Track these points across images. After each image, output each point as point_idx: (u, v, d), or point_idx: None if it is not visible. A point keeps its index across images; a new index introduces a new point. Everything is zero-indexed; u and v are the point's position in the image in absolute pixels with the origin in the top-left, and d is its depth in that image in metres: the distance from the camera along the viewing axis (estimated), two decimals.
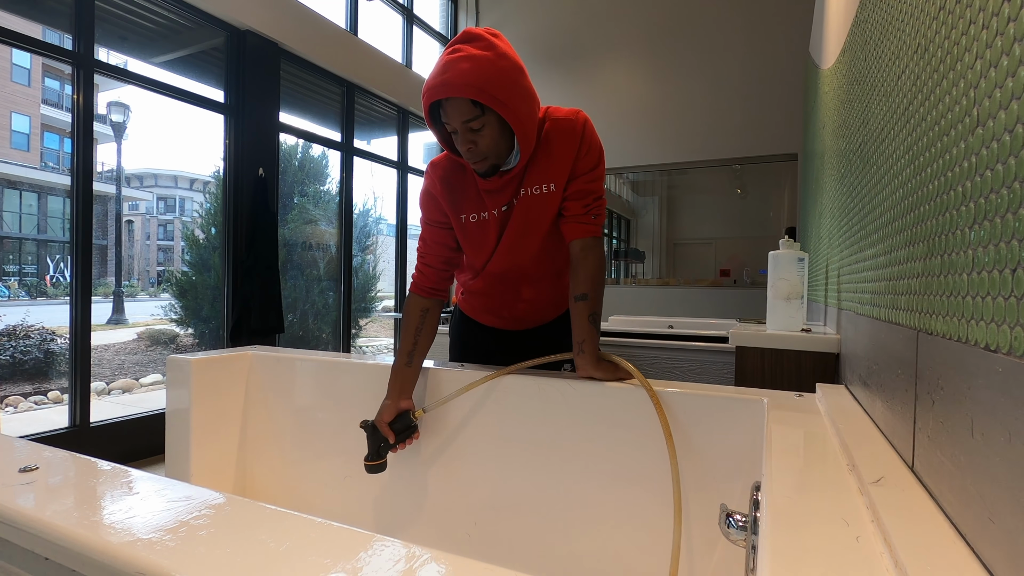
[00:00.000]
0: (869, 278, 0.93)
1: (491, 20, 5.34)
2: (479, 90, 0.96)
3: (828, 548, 0.43)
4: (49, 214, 10.01)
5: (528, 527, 1.16)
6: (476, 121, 1.00)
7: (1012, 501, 0.33)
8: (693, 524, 1.01)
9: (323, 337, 4.79)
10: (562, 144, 1.11)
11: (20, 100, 11.21)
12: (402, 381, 1.17)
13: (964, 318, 0.45)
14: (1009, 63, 0.38)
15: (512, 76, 0.99)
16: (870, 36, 1.01)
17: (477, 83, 0.96)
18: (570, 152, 1.12)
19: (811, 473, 0.62)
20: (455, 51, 0.99)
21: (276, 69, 3.54)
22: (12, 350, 4.24)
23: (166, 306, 4.75)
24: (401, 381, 1.17)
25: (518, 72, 1.01)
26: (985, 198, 0.41)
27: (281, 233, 3.74)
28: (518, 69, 1.01)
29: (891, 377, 0.69)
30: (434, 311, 1.24)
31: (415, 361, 1.19)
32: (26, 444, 0.76)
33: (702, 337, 2.33)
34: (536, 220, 1.18)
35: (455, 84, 0.96)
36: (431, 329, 1.22)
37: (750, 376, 1.51)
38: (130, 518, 0.53)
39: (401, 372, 1.18)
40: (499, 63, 0.98)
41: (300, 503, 1.45)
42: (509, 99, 0.98)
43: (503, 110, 0.99)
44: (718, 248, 4.85)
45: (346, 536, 0.49)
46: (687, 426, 1.02)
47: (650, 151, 4.63)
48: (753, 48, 4.28)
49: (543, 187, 1.14)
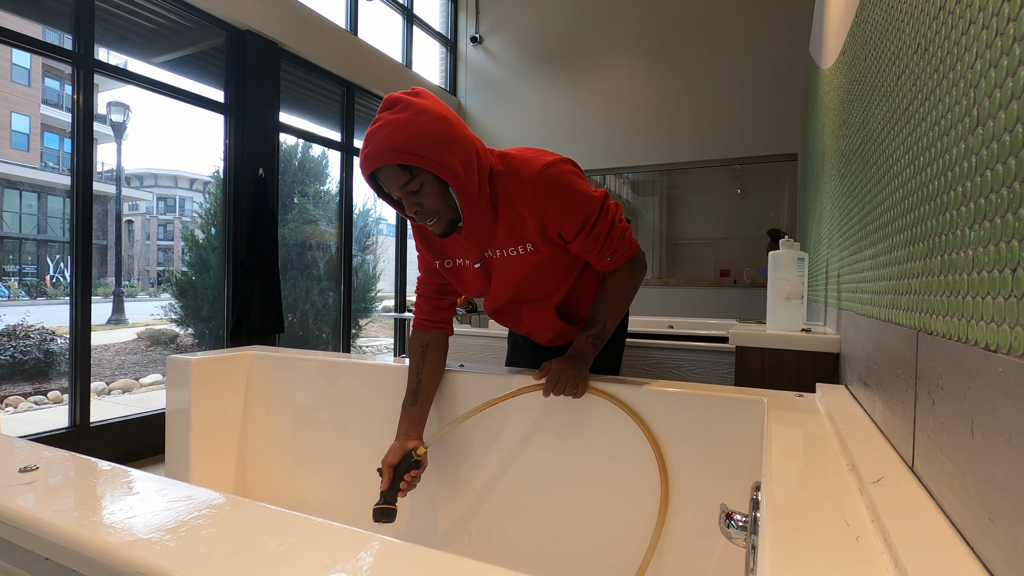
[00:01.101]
0: (869, 278, 0.93)
1: (491, 20, 5.34)
2: (401, 153, 0.94)
3: (828, 548, 0.43)
4: (49, 214, 10.01)
5: (528, 528, 1.16)
6: (412, 183, 0.98)
7: (1012, 501, 0.33)
8: (693, 524, 1.01)
9: (323, 337, 4.79)
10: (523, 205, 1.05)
11: (20, 100, 11.21)
12: (409, 421, 1.15)
13: (964, 318, 0.45)
14: (1009, 63, 0.38)
15: (432, 129, 0.96)
16: (870, 36, 1.01)
17: (396, 146, 0.94)
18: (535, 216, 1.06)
19: (811, 473, 0.62)
20: (376, 121, 0.97)
21: (276, 69, 3.54)
22: (12, 350, 4.24)
23: (166, 306, 4.75)
24: (408, 421, 1.15)
25: (439, 123, 0.97)
26: (985, 198, 0.41)
27: (281, 233, 3.74)
28: (440, 120, 0.97)
29: (891, 377, 0.69)
30: (435, 345, 1.22)
31: (420, 400, 1.17)
32: (26, 444, 0.76)
33: (702, 337, 2.33)
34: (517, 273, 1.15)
35: (377, 154, 0.95)
36: (434, 364, 1.21)
37: (750, 376, 1.51)
38: (130, 518, 0.53)
39: (407, 411, 1.17)
40: (416, 120, 0.95)
41: (300, 503, 1.45)
42: (433, 152, 0.96)
43: (430, 165, 0.96)
44: (718, 248, 4.85)
45: (346, 536, 0.49)
46: (687, 426, 1.02)
47: (650, 151, 4.63)
48: (753, 48, 4.28)
49: (517, 248, 1.10)
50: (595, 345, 1.15)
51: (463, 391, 1.25)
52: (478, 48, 5.39)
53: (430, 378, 1.20)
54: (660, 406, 1.05)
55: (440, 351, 1.23)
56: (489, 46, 5.35)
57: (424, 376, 1.19)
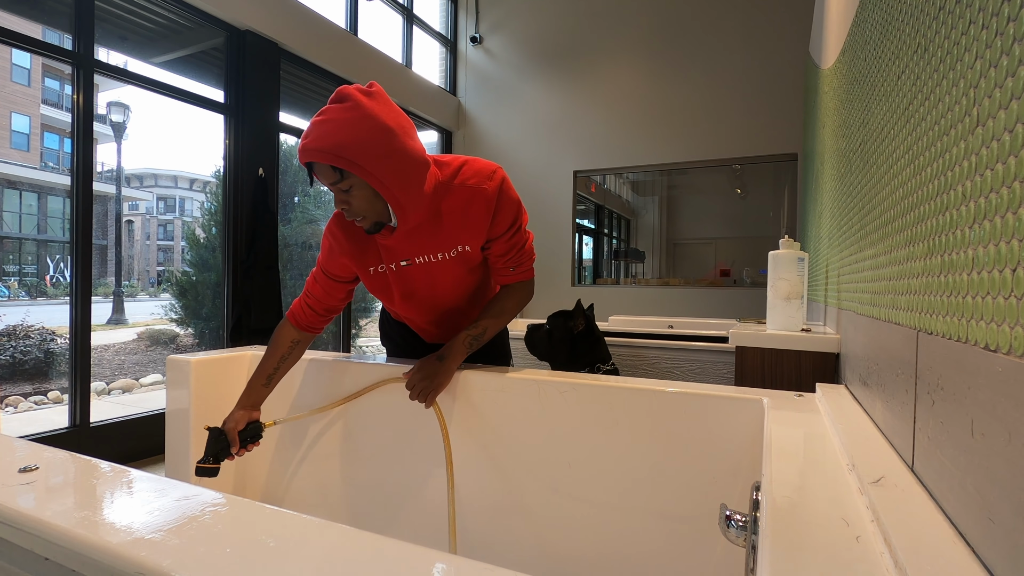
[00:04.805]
0: (869, 278, 0.93)
1: (491, 20, 5.34)
2: (335, 156, 0.94)
3: (828, 548, 0.43)
4: (49, 214, 10.02)
5: (528, 527, 1.16)
6: (342, 183, 0.99)
7: (1012, 501, 0.33)
8: (693, 524, 1.01)
9: (323, 337, 4.79)
10: (476, 211, 1.11)
11: (20, 100, 11.22)
12: (257, 397, 1.23)
13: (964, 318, 0.45)
14: (1009, 63, 0.38)
15: (370, 138, 0.95)
16: (870, 36, 1.01)
17: (332, 148, 0.93)
18: (484, 219, 1.12)
19: (811, 473, 0.62)
20: (321, 113, 0.97)
21: (276, 69, 3.54)
22: (12, 350, 4.24)
23: (166, 306, 4.75)
24: (256, 397, 1.23)
25: (380, 133, 0.96)
26: (985, 198, 0.41)
27: (281, 233, 3.74)
28: (380, 130, 0.96)
29: (891, 377, 0.69)
30: (304, 344, 1.29)
31: (273, 383, 1.25)
32: (26, 444, 0.76)
33: (702, 337, 2.33)
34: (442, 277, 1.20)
35: (311, 149, 0.95)
36: (296, 358, 1.28)
37: (750, 376, 1.51)
38: (130, 518, 0.53)
39: (258, 390, 1.23)
40: (360, 125, 0.94)
41: (300, 503, 1.45)
42: (368, 162, 0.95)
43: (361, 173, 0.96)
44: (718, 248, 4.85)
45: (346, 536, 0.49)
46: (687, 426, 1.02)
47: (650, 151, 4.63)
48: (753, 48, 4.28)
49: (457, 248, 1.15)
50: (471, 345, 1.20)
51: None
52: (478, 48, 5.39)
53: (286, 369, 1.27)
54: (660, 406, 1.05)
55: (303, 349, 1.29)
56: (489, 46, 5.35)
57: (284, 366, 1.26)
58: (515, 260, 1.21)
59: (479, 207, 1.11)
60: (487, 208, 1.11)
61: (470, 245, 1.15)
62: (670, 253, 5.12)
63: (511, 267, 1.22)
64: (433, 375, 1.16)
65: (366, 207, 1.04)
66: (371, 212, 1.05)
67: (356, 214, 1.05)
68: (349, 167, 0.96)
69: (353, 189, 1.00)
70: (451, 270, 1.19)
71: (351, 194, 1.01)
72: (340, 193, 1.02)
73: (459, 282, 1.23)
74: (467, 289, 1.26)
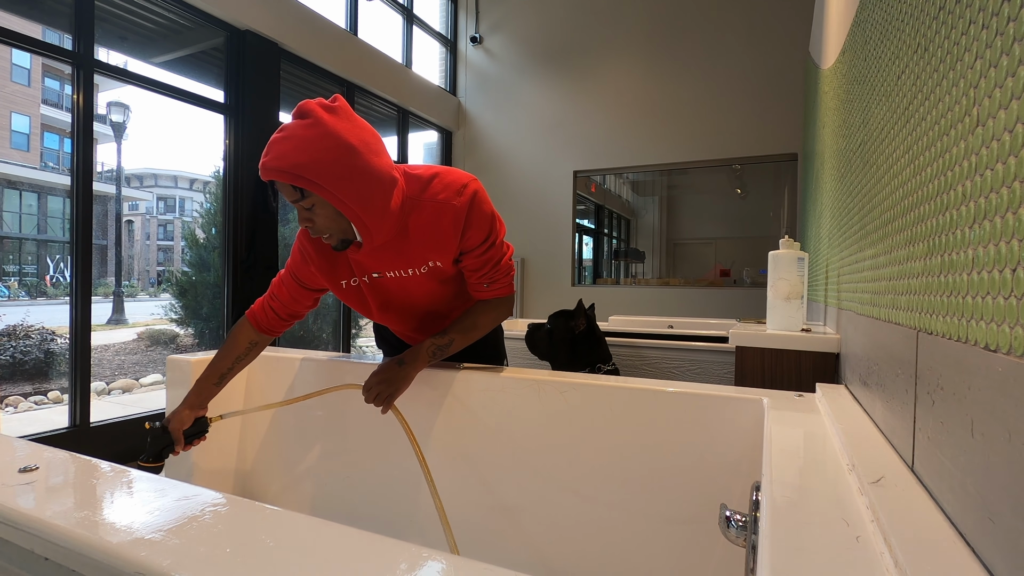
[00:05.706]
0: (869, 278, 0.93)
1: (491, 20, 5.34)
2: (294, 175, 0.92)
3: (828, 548, 0.43)
4: (49, 214, 10.02)
5: (528, 527, 1.16)
6: (304, 201, 0.97)
7: (1012, 501, 0.33)
8: (693, 524, 1.01)
9: (323, 337, 4.79)
10: (444, 227, 1.08)
11: (20, 100, 11.22)
12: (206, 396, 1.21)
13: (964, 318, 0.45)
14: (1009, 63, 0.38)
15: (331, 158, 0.92)
16: (870, 36, 1.01)
17: (291, 168, 0.92)
18: (453, 236, 1.09)
19: (811, 473, 0.62)
20: (281, 130, 0.95)
21: (276, 69, 3.54)
22: (12, 350, 4.24)
23: (166, 306, 4.75)
24: (205, 396, 1.20)
25: (341, 151, 0.93)
26: (985, 198, 0.41)
27: (281, 233, 3.74)
28: (342, 148, 0.93)
29: (891, 377, 0.69)
30: (261, 346, 1.26)
31: (224, 382, 1.22)
32: (26, 444, 0.76)
33: (702, 337, 2.33)
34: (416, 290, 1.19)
35: (271, 168, 0.93)
36: (251, 359, 1.26)
37: (750, 376, 1.51)
38: (130, 518, 0.53)
39: (208, 389, 1.20)
40: (320, 144, 0.92)
41: (300, 503, 1.45)
42: (327, 182, 0.93)
43: (324, 193, 0.94)
44: (718, 248, 4.86)
45: (346, 536, 0.49)
46: (687, 426, 1.02)
47: (650, 151, 4.63)
48: (753, 48, 4.28)
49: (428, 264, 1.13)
50: (435, 355, 1.18)
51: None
52: (478, 48, 5.39)
53: (240, 369, 1.25)
54: (660, 406, 1.05)
55: (260, 350, 1.27)
56: (489, 46, 5.35)
57: (238, 366, 1.23)
58: (489, 276, 1.17)
59: (447, 223, 1.07)
60: (455, 224, 1.07)
61: (441, 261, 1.12)
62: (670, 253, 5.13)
63: (485, 283, 1.18)
64: (391, 380, 1.14)
65: (330, 225, 1.02)
66: (336, 230, 1.03)
67: (321, 231, 1.03)
68: (309, 187, 0.93)
69: (316, 208, 0.99)
70: (423, 284, 1.17)
71: (314, 212, 0.99)
72: (303, 211, 1.00)
73: (433, 293, 1.21)
74: (444, 297, 1.24)
